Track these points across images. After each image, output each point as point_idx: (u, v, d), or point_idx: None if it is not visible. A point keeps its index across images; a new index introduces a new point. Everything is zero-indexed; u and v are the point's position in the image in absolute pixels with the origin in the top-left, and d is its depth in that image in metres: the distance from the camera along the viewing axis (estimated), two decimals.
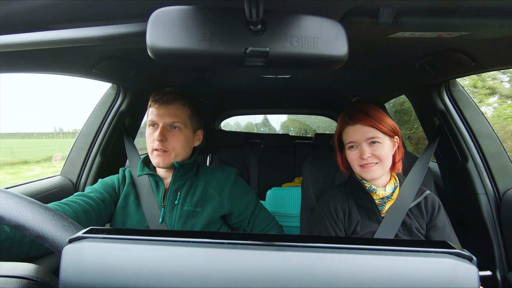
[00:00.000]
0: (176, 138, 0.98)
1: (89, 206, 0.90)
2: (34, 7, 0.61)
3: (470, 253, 0.32)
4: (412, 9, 0.65)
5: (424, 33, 0.76)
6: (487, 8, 0.63)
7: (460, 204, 1.37)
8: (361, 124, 0.94)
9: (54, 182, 1.28)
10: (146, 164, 1.05)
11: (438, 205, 1.00)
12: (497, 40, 0.81)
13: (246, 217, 1.06)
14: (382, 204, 0.98)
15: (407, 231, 0.97)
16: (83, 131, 1.39)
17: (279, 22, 0.44)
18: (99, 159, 1.39)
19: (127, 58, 1.09)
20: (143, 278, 0.32)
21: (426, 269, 0.31)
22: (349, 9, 0.64)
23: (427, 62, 1.08)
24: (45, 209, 0.39)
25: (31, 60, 0.85)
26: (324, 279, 0.31)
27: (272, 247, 0.34)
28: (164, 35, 0.42)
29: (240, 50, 0.43)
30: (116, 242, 0.35)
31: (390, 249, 0.33)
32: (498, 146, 1.24)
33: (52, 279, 0.39)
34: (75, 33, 0.54)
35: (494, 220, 1.21)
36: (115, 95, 1.39)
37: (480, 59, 0.96)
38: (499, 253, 1.18)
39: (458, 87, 1.29)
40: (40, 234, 0.38)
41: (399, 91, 1.67)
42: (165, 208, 0.98)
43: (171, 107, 0.97)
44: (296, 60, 0.45)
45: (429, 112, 1.39)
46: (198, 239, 0.35)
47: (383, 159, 0.94)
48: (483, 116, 1.27)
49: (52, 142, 5.32)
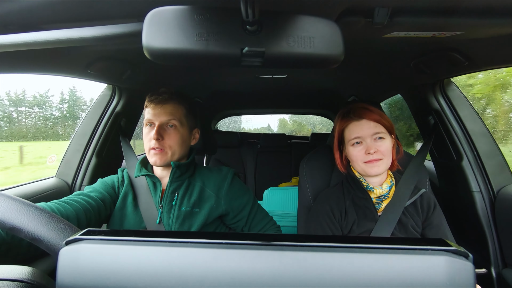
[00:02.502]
0: (172, 136, 0.98)
1: (90, 206, 0.90)
2: (27, 7, 0.60)
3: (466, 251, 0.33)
4: (407, 9, 0.66)
5: (419, 32, 0.77)
6: (481, 8, 0.64)
7: (455, 202, 1.39)
8: (367, 119, 0.95)
9: (49, 184, 1.26)
10: (144, 165, 1.06)
11: (433, 203, 1.00)
12: (491, 40, 0.82)
13: (244, 217, 1.06)
14: (379, 203, 0.99)
15: (403, 229, 0.97)
16: (78, 132, 1.38)
17: (276, 22, 0.44)
18: (94, 160, 1.38)
19: (122, 58, 1.08)
20: (141, 279, 0.32)
21: (423, 266, 0.31)
22: (345, 9, 0.64)
23: (422, 62, 1.09)
24: (40, 211, 0.39)
25: (25, 61, 0.84)
26: (322, 278, 0.32)
27: (270, 246, 0.34)
28: (160, 35, 0.42)
29: (236, 50, 0.43)
30: (113, 244, 0.34)
31: (387, 247, 0.33)
32: (493, 145, 1.26)
33: (48, 282, 0.39)
34: (69, 34, 0.54)
35: (489, 218, 1.22)
36: (111, 96, 1.38)
37: (474, 58, 0.97)
38: (494, 250, 1.20)
39: (452, 86, 1.31)
40: (35, 236, 0.37)
41: (395, 90, 1.68)
42: (162, 209, 0.98)
43: (166, 106, 0.98)
44: (293, 60, 0.45)
45: (424, 111, 1.40)
46: (195, 239, 0.35)
47: (386, 156, 0.95)
48: (478, 115, 1.29)
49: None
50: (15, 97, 2.78)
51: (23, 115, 2.83)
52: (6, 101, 2.84)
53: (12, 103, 2.83)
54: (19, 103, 2.83)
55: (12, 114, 2.84)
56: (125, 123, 1.46)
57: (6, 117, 2.90)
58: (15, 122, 2.65)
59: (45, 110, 2.57)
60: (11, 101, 2.83)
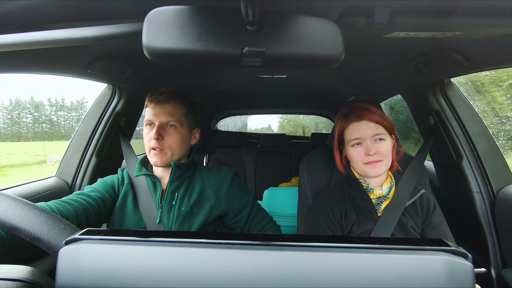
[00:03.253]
0: (172, 136, 0.99)
1: (89, 206, 0.90)
2: (27, 7, 0.60)
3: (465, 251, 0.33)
4: (407, 10, 0.66)
5: (419, 33, 0.77)
6: (481, 8, 0.64)
7: (455, 203, 1.39)
8: (367, 120, 0.95)
9: (49, 184, 1.26)
10: (144, 164, 1.06)
11: (433, 203, 1.00)
12: (491, 40, 0.82)
13: (244, 217, 1.06)
14: (378, 204, 0.99)
15: (403, 230, 0.97)
16: (78, 132, 1.38)
17: (276, 22, 0.44)
18: (94, 160, 1.38)
19: (122, 58, 1.08)
20: (141, 279, 0.32)
21: (422, 266, 0.31)
22: (345, 9, 0.64)
23: (422, 62, 1.09)
24: (40, 210, 0.39)
25: (25, 61, 0.84)
26: (322, 278, 0.32)
27: (270, 246, 0.34)
28: (160, 35, 0.42)
29: (236, 50, 0.43)
30: (113, 244, 0.34)
31: (387, 248, 0.33)
32: (493, 145, 1.25)
33: (48, 282, 0.39)
34: (70, 33, 0.54)
35: (489, 218, 1.22)
36: (111, 96, 1.38)
37: (474, 58, 0.97)
38: (494, 250, 1.20)
39: (453, 86, 1.30)
40: (35, 236, 0.37)
41: (395, 90, 1.68)
42: (162, 208, 0.98)
43: (166, 106, 0.99)
44: (293, 60, 0.45)
45: (424, 111, 1.40)
46: (195, 239, 0.35)
47: (386, 157, 0.94)
48: (478, 115, 1.28)
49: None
50: (55, 102, 3.23)
51: (62, 119, 3.33)
52: (47, 106, 3.29)
53: (52, 108, 3.27)
54: (59, 108, 3.29)
55: (53, 117, 3.34)
56: (125, 123, 1.46)
57: (48, 120, 3.32)
58: (55, 124, 3.13)
59: (81, 115, 3.00)
60: (51, 106, 3.27)
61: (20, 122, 3.21)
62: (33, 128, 3.29)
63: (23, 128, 3.22)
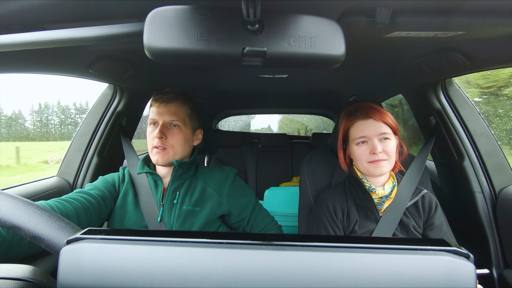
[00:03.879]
0: (175, 136, 0.99)
1: (90, 204, 0.90)
2: (29, 7, 0.60)
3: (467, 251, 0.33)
4: (409, 9, 0.65)
5: (421, 32, 0.77)
6: (483, 8, 0.64)
7: (456, 203, 1.38)
8: (374, 118, 0.94)
9: (50, 183, 1.27)
10: (146, 163, 1.06)
11: (435, 204, 1.00)
12: (493, 40, 0.81)
13: (245, 217, 1.06)
14: (380, 203, 0.99)
15: (404, 230, 0.97)
16: (79, 132, 1.38)
17: (277, 21, 0.44)
18: (96, 159, 1.38)
19: (124, 58, 1.08)
20: (142, 279, 0.32)
21: (424, 267, 0.31)
22: (346, 8, 0.64)
23: (423, 62, 1.08)
24: (41, 209, 0.39)
25: (26, 61, 0.85)
26: (323, 278, 0.32)
27: (271, 246, 0.34)
28: (161, 35, 0.42)
29: (237, 50, 0.43)
30: (114, 243, 0.34)
31: (388, 248, 0.33)
32: (494, 145, 1.25)
33: (49, 281, 0.39)
34: (71, 33, 0.54)
35: (490, 218, 1.21)
36: (112, 95, 1.38)
37: (475, 58, 0.96)
38: (495, 251, 1.19)
39: (454, 86, 1.30)
40: (36, 235, 0.37)
41: (396, 90, 1.68)
42: (163, 207, 0.99)
43: (170, 105, 0.99)
44: (294, 59, 0.45)
45: (426, 111, 1.39)
46: (196, 239, 0.35)
47: (391, 156, 0.94)
48: (479, 115, 1.28)
49: None
50: (80, 106, 3.69)
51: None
52: (73, 110, 3.75)
53: (77, 111, 3.74)
54: (83, 111, 3.63)
55: (78, 120, 3.68)
56: (126, 123, 1.46)
57: (73, 122, 3.77)
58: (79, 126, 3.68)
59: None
60: (76, 110, 3.74)
61: (48, 124, 3.68)
62: (60, 129, 3.71)
63: (51, 129, 3.69)
